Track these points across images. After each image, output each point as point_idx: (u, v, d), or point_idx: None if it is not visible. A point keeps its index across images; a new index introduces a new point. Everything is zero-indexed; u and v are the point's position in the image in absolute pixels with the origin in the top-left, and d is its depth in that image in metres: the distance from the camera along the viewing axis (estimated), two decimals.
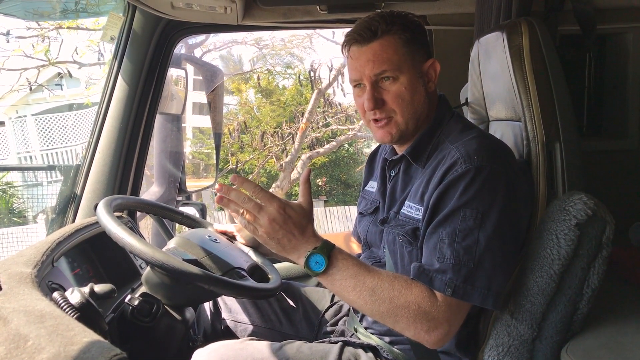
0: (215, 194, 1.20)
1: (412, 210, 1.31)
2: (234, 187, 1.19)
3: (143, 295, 1.42)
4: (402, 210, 1.34)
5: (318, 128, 9.46)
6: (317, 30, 8.21)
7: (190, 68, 2.56)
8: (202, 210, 2.41)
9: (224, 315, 1.74)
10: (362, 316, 1.48)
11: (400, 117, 1.34)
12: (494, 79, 1.53)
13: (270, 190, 8.75)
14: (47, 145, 10.94)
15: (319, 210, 12.10)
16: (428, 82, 1.37)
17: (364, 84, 1.35)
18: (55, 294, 1.14)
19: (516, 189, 1.23)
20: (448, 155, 1.26)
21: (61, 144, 10.87)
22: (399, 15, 1.35)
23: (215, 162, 2.84)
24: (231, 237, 1.70)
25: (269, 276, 1.54)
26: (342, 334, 1.55)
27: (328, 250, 1.19)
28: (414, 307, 1.15)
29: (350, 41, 1.35)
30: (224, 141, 9.60)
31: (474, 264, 1.15)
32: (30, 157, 11.20)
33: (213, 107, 2.61)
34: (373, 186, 1.56)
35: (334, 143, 9.61)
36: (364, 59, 1.32)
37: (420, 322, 1.15)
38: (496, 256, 1.16)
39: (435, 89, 1.41)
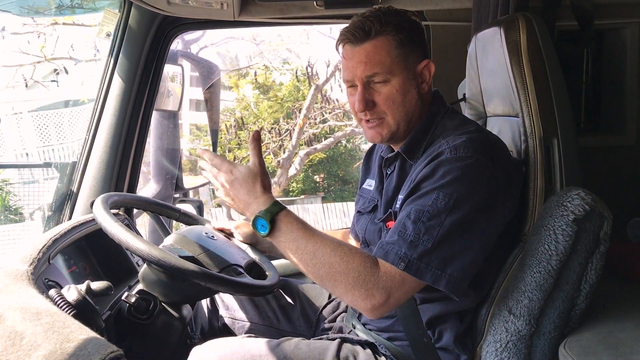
0: (213, 192, 1.22)
1: (400, 202, 1.31)
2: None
3: (140, 292, 1.41)
4: (396, 205, 1.34)
5: (315, 124, 9.46)
6: (314, 26, 8.19)
7: (186, 64, 2.54)
8: (199, 207, 2.40)
9: (222, 312, 1.73)
10: (360, 313, 1.48)
11: (391, 118, 1.34)
12: (492, 75, 1.53)
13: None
14: (43, 142, 10.91)
15: (316, 207, 12.10)
16: (422, 83, 1.36)
17: (356, 84, 1.34)
18: (52, 291, 1.14)
19: (501, 185, 1.22)
20: (438, 148, 1.26)
21: (57, 140, 10.83)
22: (395, 13, 1.34)
23: None
24: (228, 234, 1.69)
25: (267, 273, 1.53)
26: (340, 330, 1.54)
27: (273, 214, 1.22)
28: (353, 274, 1.15)
29: (343, 40, 1.34)
30: (221, 137, 9.59)
31: (432, 245, 1.14)
32: (27, 154, 11.16)
33: (210, 103, 2.60)
34: (371, 184, 1.56)
35: (331, 139, 9.60)
36: (356, 60, 1.32)
37: (358, 289, 1.15)
38: (456, 244, 1.15)
39: (430, 88, 1.40)
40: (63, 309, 1.10)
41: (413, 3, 1.97)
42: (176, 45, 2.30)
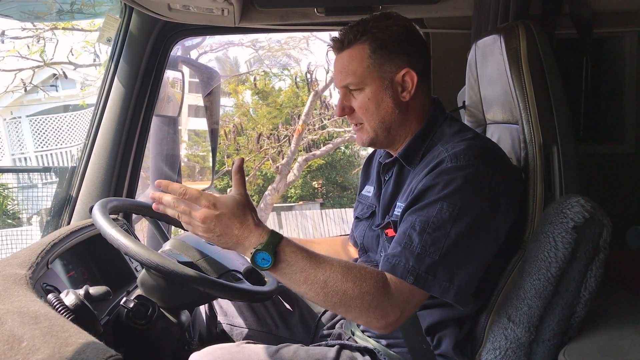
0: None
1: (401, 210, 1.31)
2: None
3: (138, 297, 1.41)
4: (394, 212, 1.34)
5: (314, 130, 9.45)
6: (314, 33, 8.21)
7: (186, 70, 2.55)
8: None
9: (220, 318, 1.73)
10: None
11: (367, 125, 1.38)
12: (491, 82, 1.53)
13: (266, 192, 8.77)
14: (42, 147, 10.91)
15: (315, 213, 12.09)
16: (402, 92, 1.35)
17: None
18: (50, 296, 1.14)
19: (502, 191, 1.22)
20: (437, 156, 1.27)
21: (56, 145, 10.83)
22: (382, 19, 1.35)
23: (211, 164, 2.84)
24: None
25: (265, 279, 1.53)
26: (339, 337, 1.54)
27: (274, 245, 1.12)
28: (368, 298, 1.12)
29: (330, 48, 1.40)
30: (220, 143, 9.59)
31: (439, 257, 1.14)
32: (25, 159, 11.15)
33: (209, 109, 2.60)
34: (369, 191, 1.56)
35: (330, 145, 9.60)
36: (336, 69, 1.38)
37: (374, 312, 1.13)
38: (462, 254, 1.16)
39: (421, 95, 1.38)
40: (61, 314, 1.10)
41: (413, 11, 1.98)
42: (176, 50, 2.31)
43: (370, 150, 1.66)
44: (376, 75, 1.33)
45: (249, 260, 1.13)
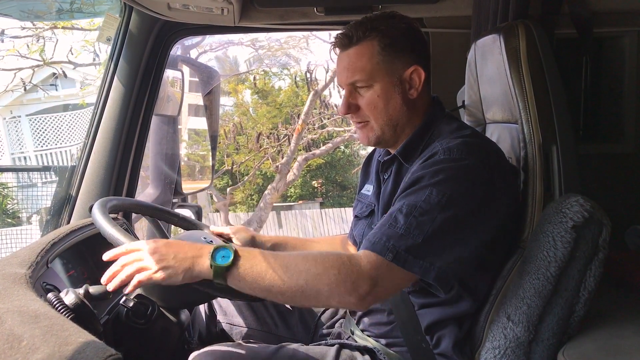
0: (212, 197, 1.19)
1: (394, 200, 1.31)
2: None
3: (138, 297, 1.41)
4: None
5: (314, 129, 9.45)
6: (314, 32, 8.21)
7: (186, 70, 2.55)
8: (198, 212, 2.40)
9: (219, 317, 1.73)
10: (359, 318, 1.48)
11: (374, 123, 1.37)
12: (491, 82, 1.53)
13: (266, 191, 8.76)
14: (42, 146, 10.91)
15: (314, 212, 12.09)
16: (409, 89, 1.36)
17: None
18: (50, 295, 1.14)
19: (496, 188, 1.22)
20: (432, 149, 1.28)
21: (56, 144, 10.83)
22: (387, 17, 1.36)
23: (211, 163, 2.84)
24: (227, 239, 1.69)
25: None
26: (339, 336, 1.54)
27: (230, 246, 1.15)
28: (333, 272, 1.10)
29: (333, 45, 1.38)
30: (220, 142, 9.59)
31: (422, 240, 1.13)
32: (25, 158, 11.15)
33: (209, 109, 2.60)
34: (369, 189, 1.56)
35: (330, 145, 9.59)
36: (341, 65, 1.36)
37: (343, 285, 1.09)
38: (447, 239, 1.15)
39: (424, 93, 1.40)
40: (61, 313, 1.10)
41: (413, 10, 1.98)
42: (176, 50, 2.31)
43: (370, 149, 1.66)
44: (385, 72, 1.33)
45: (205, 268, 1.13)
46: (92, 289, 1.24)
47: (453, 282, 1.19)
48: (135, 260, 1.15)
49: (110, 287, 1.16)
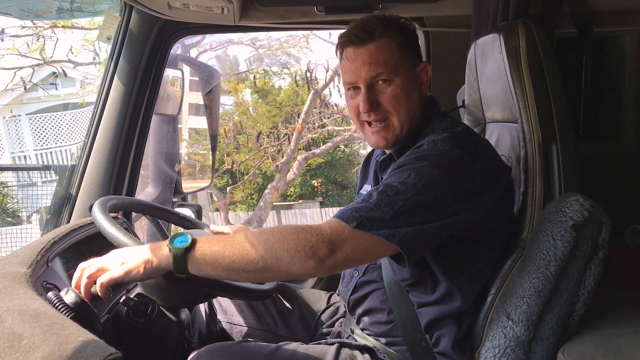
0: (212, 196, 1.20)
1: None
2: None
3: (138, 296, 1.41)
4: None
5: (314, 129, 9.45)
6: (314, 31, 8.21)
7: (186, 69, 2.55)
8: (198, 212, 2.40)
9: (220, 317, 1.73)
10: (359, 318, 1.48)
11: (396, 118, 1.35)
12: (491, 81, 1.54)
13: (266, 191, 8.76)
14: (42, 145, 10.91)
15: (314, 212, 12.09)
16: (420, 85, 1.39)
17: (358, 86, 1.35)
18: (50, 294, 1.14)
19: (477, 181, 1.21)
20: (420, 143, 1.29)
21: (56, 143, 10.83)
22: (392, 18, 1.37)
23: (211, 163, 2.84)
24: None
25: None
26: (339, 335, 1.54)
27: (187, 232, 1.18)
28: (292, 238, 1.10)
29: (346, 42, 1.35)
30: (220, 141, 9.58)
31: (389, 217, 1.12)
32: (25, 157, 11.15)
33: (209, 108, 2.60)
34: (367, 189, 1.56)
35: (330, 144, 9.59)
36: (360, 61, 1.33)
37: (302, 249, 1.08)
38: (414, 218, 1.14)
39: (427, 91, 1.42)
40: (61, 312, 1.10)
41: (413, 10, 1.98)
42: (176, 49, 2.31)
43: (370, 149, 1.66)
44: (405, 67, 1.34)
45: (164, 256, 1.15)
46: (92, 288, 1.24)
47: (419, 253, 1.19)
48: (93, 264, 1.17)
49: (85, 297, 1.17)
